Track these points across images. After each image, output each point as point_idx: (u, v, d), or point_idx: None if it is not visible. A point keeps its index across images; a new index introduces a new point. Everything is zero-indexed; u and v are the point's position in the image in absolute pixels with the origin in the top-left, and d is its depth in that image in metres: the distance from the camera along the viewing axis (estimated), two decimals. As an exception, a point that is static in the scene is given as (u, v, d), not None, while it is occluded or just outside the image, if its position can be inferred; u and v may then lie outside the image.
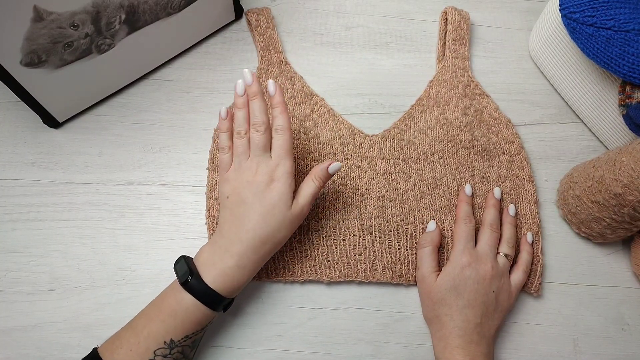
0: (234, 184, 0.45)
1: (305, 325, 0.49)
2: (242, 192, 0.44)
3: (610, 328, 0.51)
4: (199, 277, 0.42)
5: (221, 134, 0.48)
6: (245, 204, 0.44)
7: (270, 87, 0.47)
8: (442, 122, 0.57)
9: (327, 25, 0.65)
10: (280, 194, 0.44)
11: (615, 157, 0.46)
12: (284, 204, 0.44)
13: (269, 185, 0.44)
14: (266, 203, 0.43)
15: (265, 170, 0.44)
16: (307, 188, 0.46)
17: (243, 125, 0.47)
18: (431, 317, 0.48)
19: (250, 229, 0.43)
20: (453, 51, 0.61)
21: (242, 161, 0.46)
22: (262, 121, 0.45)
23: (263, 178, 0.44)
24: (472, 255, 0.48)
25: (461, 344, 0.44)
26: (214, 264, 0.43)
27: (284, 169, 0.45)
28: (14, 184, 0.53)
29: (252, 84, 0.46)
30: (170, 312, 0.41)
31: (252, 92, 0.46)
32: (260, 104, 0.46)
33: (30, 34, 0.44)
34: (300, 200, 0.45)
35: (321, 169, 0.46)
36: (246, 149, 0.46)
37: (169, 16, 0.54)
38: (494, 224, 0.50)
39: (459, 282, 0.46)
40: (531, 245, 0.52)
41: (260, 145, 0.45)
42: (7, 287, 0.49)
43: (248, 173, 0.45)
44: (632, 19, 0.46)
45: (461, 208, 0.52)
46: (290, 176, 0.45)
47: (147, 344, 0.40)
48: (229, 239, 0.43)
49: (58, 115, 0.55)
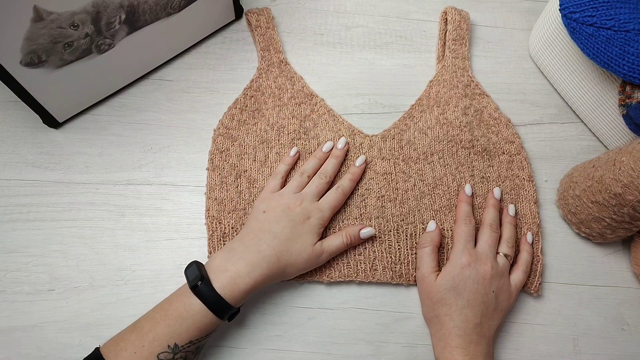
0: (275, 204, 0.49)
1: (305, 325, 0.49)
2: (278, 213, 0.47)
3: (610, 328, 0.51)
4: (209, 283, 0.42)
5: (282, 165, 0.53)
6: (278, 223, 0.47)
7: (359, 160, 0.54)
8: (442, 122, 0.57)
9: (327, 25, 0.65)
10: (309, 230, 0.48)
11: (615, 157, 0.46)
12: (310, 239, 0.47)
13: (303, 220, 0.48)
14: (295, 231, 0.47)
15: (307, 208, 0.49)
16: (335, 239, 0.49)
17: (310, 170, 0.52)
18: (431, 317, 0.48)
19: (272, 245, 0.45)
20: (453, 51, 0.61)
21: (291, 192, 0.50)
22: (330, 174, 0.52)
23: (302, 212, 0.48)
24: (472, 255, 0.48)
25: (461, 343, 0.44)
26: (225, 269, 0.43)
27: (322, 215, 0.49)
28: (14, 184, 0.53)
29: (342, 150, 0.54)
30: (177, 316, 0.41)
31: (336, 155, 0.54)
32: (337, 164, 0.53)
33: (30, 34, 0.44)
34: (324, 244, 0.48)
35: (354, 230, 0.50)
36: (300, 186, 0.51)
37: (169, 16, 0.54)
38: (493, 224, 0.50)
39: (458, 282, 0.46)
40: (531, 245, 0.52)
41: (316, 190, 0.50)
42: (7, 287, 0.49)
43: (291, 202, 0.49)
44: (632, 19, 0.46)
45: (461, 208, 0.52)
46: (323, 225, 0.49)
47: (151, 348, 0.40)
48: (247, 247, 0.45)
49: (58, 115, 0.55)
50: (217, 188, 0.53)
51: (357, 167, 0.53)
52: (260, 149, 0.55)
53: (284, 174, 0.52)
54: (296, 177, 0.51)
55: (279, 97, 0.58)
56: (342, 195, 0.51)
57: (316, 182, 0.51)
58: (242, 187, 0.53)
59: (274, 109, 0.57)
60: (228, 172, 0.54)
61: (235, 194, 0.53)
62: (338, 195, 0.51)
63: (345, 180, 0.52)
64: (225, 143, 0.55)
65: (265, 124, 0.56)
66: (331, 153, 0.54)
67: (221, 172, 0.54)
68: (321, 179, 0.51)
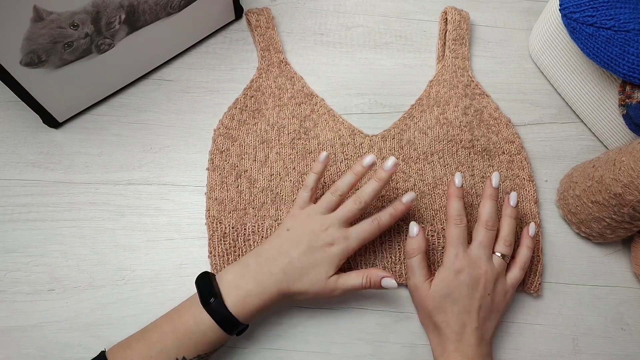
0: (301, 223, 0.46)
1: (305, 325, 0.49)
2: (302, 235, 0.45)
3: (610, 328, 0.51)
4: (221, 300, 0.41)
5: (312, 175, 0.48)
6: (297, 247, 0.44)
7: (407, 197, 0.47)
8: (442, 122, 0.57)
9: (327, 25, 0.65)
10: (328, 261, 0.44)
11: (615, 157, 0.46)
12: (325, 271, 0.44)
13: (325, 246, 0.45)
14: (313, 257, 0.44)
15: (334, 234, 0.45)
16: (353, 279, 0.45)
17: (344, 189, 0.47)
18: (428, 324, 0.47)
19: (285, 269, 0.43)
20: (453, 51, 0.61)
21: (319, 213, 0.46)
22: (366, 201, 0.46)
23: (327, 237, 0.45)
24: (466, 258, 0.46)
25: (459, 347, 0.44)
26: (238, 287, 0.42)
27: (346, 246, 0.45)
28: (14, 184, 0.53)
29: (389, 172, 0.47)
30: (186, 330, 0.41)
31: (381, 177, 0.47)
32: (377, 188, 0.47)
33: (30, 34, 0.44)
34: (339, 281, 0.45)
35: (377, 275, 0.45)
36: (332, 207, 0.47)
37: (169, 16, 0.54)
38: (489, 221, 0.48)
39: (453, 289, 0.45)
40: (532, 239, 0.50)
41: (347, 216, 0.46)
42: (7, 287, 0.49)
43: (318, 225, 0.45)
44: (632, 19, 0.46)
45: (452, 205, 0.48)
46: (345, 256, 0.45)
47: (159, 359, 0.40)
48: (261, 267, 0.44)
49: (58, 115, 0.55)
50: (218, 188, 0.53)
51: (403, 204, 0.47)
52: (261, 149, 0.55)
53: (313, 186, 0.48)
54: (328, 195, 0.47)
55: (279, 97, 0.58)
56: (377, 230, 0.46)
57: (349, 208, 0.46)
58: (243, 187, 0.53)
59: (274, 109, 0.57)
60: (228, 172, 0.54)
61: (235, 194, 0.53)
62: (372, 228, 0.46)
63: (385, 215, 0.47)
64: (225, 143, 0.55)
65: (265, 124, 0.56)
66: (376, 174, 0.47)
67: (221, 172, 0.54)
68: (355, 205, 0.46)
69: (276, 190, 0.53)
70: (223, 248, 0.50)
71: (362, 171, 0.47)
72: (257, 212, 0.52)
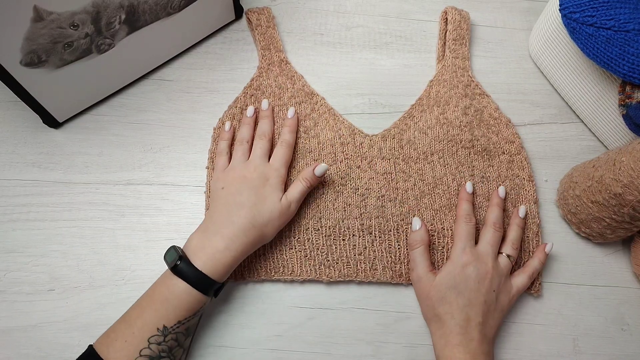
0: (230, 179, 0.49)
1: (305, 325, 0.49)
2: (238, 185, 0.48)
3: (610, 328, 0.51)
4: (188, 262, 0.43)
5: (222, 141, 0.53)
6: (240, 193, 0.47)
7: (290, 112, 0.55)
8: (442, 122, 0.57)
9: (327, 25, 0.65)
10: (272, 189, 0.48)
11: (615, 157, 0.46)
12: (275, 197, 0.48)
13: (263, 183, 0.48)
14: (259, 194, 0.48)
15: (263, 172, 0.49)
16: (296, 187, 0.50)
17: (247, 137, 0.53)
18: (431, 317, 0.47)
19: (242, 214, 0.46)
20: (453, 51, 0.61)
21: (241, 162, 0.51)
22: (268, 132, 0.53)
23: (259, 176, 0.49)
24: (473, 254, 0.48)
25: (462, 341, 0.44)
26: (203, 247, 0.44)
27: (279, 174, 0.50)
28: (14, 184, 0.53)
29: (268, 109, 0.55)
30: (162, 299, 0.42)
31: (265, 114, 0.55)
32: (270, 122, 0.54)
33: (30, 34, 0.44)
34: (289, 196, 0.49)
35: (308, 172, 0.50)
36: (246, 154, 0.51)
37: (169, 16, 0.54)
38: (496, 223, 0.50)
39: (459, 281, 0.46)
40: (546, 256, 0.51)
41: (261, 152, 0.51)
42: (7, 287, 0.49)
43: (246, 171, 0.49)
44: (632, 19, 0.46)
45: (462, 206, 0.51)
46: (283, 181, 0.50)
47: (141, 334, 0.41)
48: (220, 223, 0.45)
49: (58, 115, 0.55)
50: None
51: (290, 119, 0.55)
52: None
53: (226, 149, 0.53)
54: (238, 147, 0.52)
55: (279, 97, 0.58)
56: (289, 148, 0.52)
57: (260, 144, 0.52)
58: (242, 187, 0.53)
59: (274, 108, 0.57)
60: (228, 172, 0.54)
61: (235, 194, 0.53)
62: (284, 149, 0.52)
63: (285, 134, 0.53)
64: (225, 142, 0.55)
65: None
66: (260, 115, 0.55)
67: (221, 172, 0.54)
68: (262, 140, 0.52)
69: (276, 190, 0.53)
70: (223, 248, 0.51)
71: (251, 121, 0.54)
72: (257, 212, 0.52)
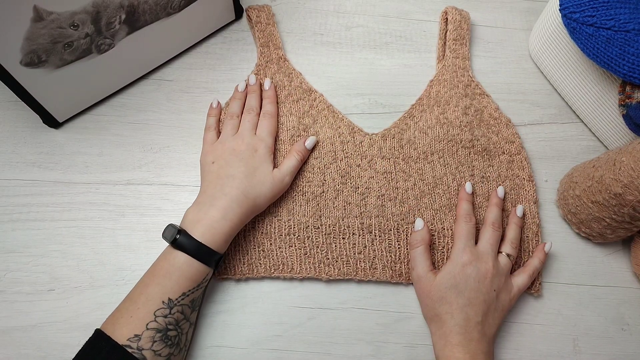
0: (220, 152, 0.51)
1: (305, 325, 0.49)
2: (227, 157, 0.50)
3: (610, 328, 0.51)
4: (187, 234, 0.43)
5: (210, 118, 0.55)
6: (230, 166, 0.49)
7: (267, 83, 0.57)
8: (443, 122, 0.57)
9: (327, 25, 0.65)
10: (262, 160, 0.50)
11: (615, 157, 0.46)
12: (266, 168, 0.50)
13: (252, 154, 0.50)
14: (250, 165, 0.49)
15: (250, 143, 0.51)
16: (289, 161, 0.52)
17: (237, 111, 0.55)
18: (431, 316, 0.47)
19: (235, 185, 0.47)
20: (453, 51, 0.61)
21: (229, 136, 0.52)
22: (255, 107, 0.55)
23: (248, 148, 0.50)
24: (473, 253, 0.48)
25: (462, 341, 0.44)
26: (199, 220, 0.45)
27: (265, 144, 0.52)
28: (14, 184, 0.53)
29: (255, 83, 0.56)
30: (164, 273, 0.42)
31: (253, 89, 0.56)
32: (256, 96, 0.56)
33: (30, 34, 0.44)
34: (282, 169, 0.51)
35: (299, 144, 0.53)
36: (235, 128, 0.53)
37: (169, 16, 0.54)
38: (496, 223, 0.50)
39: (459, 281, 0.46)
40: (545, 255, 0.51)
41: (249, 125, 0.53)
42: (7, 287, 0.49)
43: (234, 144, 0.51)
44: (632, 19, 0.46)
45: (461, 206, 0.52)
46: (271, 151, 0.52)
47: (146, 307, 0.41)
48: (213, 196, 0.47)
49: (58, 115, 0.55)
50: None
51: (268, 90, 0.56)
52: None
53: (215, 125, 0.54)
54: (227, 121, 0.54)
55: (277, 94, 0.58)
56: (272, 118, 0.54)
57: (247, 118, 0.53)
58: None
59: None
60: (228, 172, 0.54)
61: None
62: (268, 119, 0.54)
63: (267, 106, 0.55)
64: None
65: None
66: (248, 90, 0.56)
67: (221, 172, 0.54)
68: (250, 114, 0.54)
69: (276, 190, 0.53)
70: (223, 247, 0.51)
71: (242, 95, 0.56)
72: (257, 210, 0.52)
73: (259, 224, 0.51)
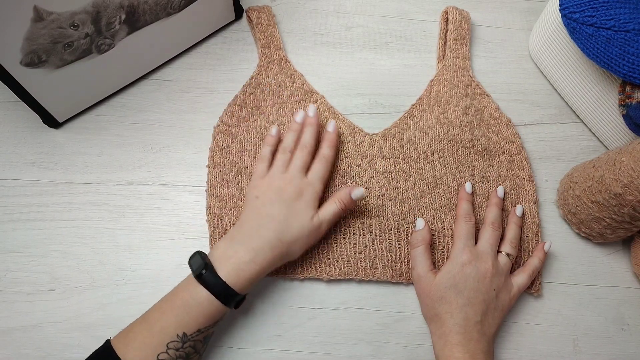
0: (265, 189, 0.48)
1: (305, 325, 0.49)
2: (271, 196, 0.47)
3: (610, 328, 0.51)
4: (213, 271, 0.42)
5: (266, 147, 0.52)
6: (272, 205, 0.46)
7: (330, 125, 0.53)
8: (443, 122, 0.57)
9: (327, 25, 0.65)
10: (305, 205, 0.47)
11: (615, 157, 0.46)
12: (307, 214, 0.47)
13: (297, 197, 0.47)
14: (291, 209, 0.46)
15: (298, 185, 0.48)
16: (330, 207, 0.49)
17: (291, 145, 0.51)
18: (431, 316, 0.48)
19: (272, 227, 0.45)
20: (454, 51, 0.61)
21: (279, 172, 0.49)
22: (310, 144, 0.51)
23: (294, 189, 0.48)
24: (473, 253, 0.48)
25: (461, 341, 0.44)
26: (229, 257, 0.43)
27: (314, 189, 0.49)
28: (14, 184, 0.53)
29: (314, 117, 0.52)
30: (184, 305, 0.42)
31: (310, 122, 0.52)
32: (313, 132, 0.52)
33: (30, 34, 0.44)
34: (321, 215, 0.48)
35: (345, 193, 0.49)
36: (286, 164, 0.50)
37: (169, 16, 0.54)
38: (495, 223, 0.50)
39: (459, 280, 0.46)
40: (545, 255, 0.51)
41: (301, 164, 0.50)
42: (7, 287, 0.49)
43: (282, 182, 0.48)
44: (632, 19, 0.46)
45: (461, 206, 0.52)
46: (318, 197, 0.49)
47: (160, 337, 0.41)
48: (248, 234, 0.45)
49: (58, 115, 0.55)
50: (218, 185, 0.53)
51: (331, 133, 0.53)
52: (261, 146, 0.55)
53: (269, 157, 0.51)
54: (279, 156, 0.51)
55: (278, 95, 0.58)
56: (327, 163, 0.51)
57: (299, 156, 0.50)
58: (243, 184, 0.53)
59: (274, 106, 0.57)
60: (229, 169, 0.54)
61: (236, 191, 0.53)
62: (323, 164, 0.51)
63: (325, 149, 0.52)
64: (225, 140, 0.55)
65: (265, 121, 0.56)
66: (305, 123, 0.52)
67: (222, 169, 0.54)
68: (303, 151, 0.50)
69: (276, 190, 0.53)
70: (223, 247, 0.51)
71: (299, 127, 0.53)
72: (257, 211, 0.52)
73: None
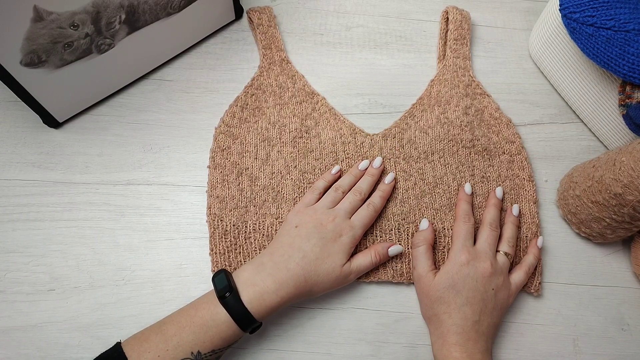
0: (308, 218, 0.48)
1: (305, 325, 0.49)
2: (310, 229, 0.47)
3: (610, 328, 0.51)
4: (237, 296, 0.42)
5: (321, 181, 0.52)
6: (308, 240, 0.46)
7: (389, 177, 0.53)
8: (443, 122, 0.57)
9: (327, 25, 0.65)
10: (340, 249, 0.47)
11: (615, 157, 0.46)
12: (339, 259, 0.47)
13: (335, 237, 0.47)
14: (325, 249, 0.46)
15: (340, 225, 0.48)
16: (364, 258, 0.49)
17: (345, 187, 0.52)
18: (430, 316, 0.48)
19: (301, 264, 0.45)
20: (454, 50, 0.61)
21: (325, 207, 0.49)
22: (365, 191, 0.51)
23: (334, 228, 0.47)
24: (471, 253, 0.48)
25: (459, 340, 0.44)
26: (254, 284, 0.43)
27: (353, 234, 0.48)
28: (14, 184, 0.53)
29: (377, 169, 0.53)
30: (203, 324, 0.41)
31: (372, 173, 0.53)
32: (371, 181, 0.52)
33: (30, 34, 0.44)
34: (352, 264, 0.48)
35: (382, 248, 0.50)
36: (335, 201, 0.50)
37: (169, 16, 0.54)
38: (493, 223, 0.50)
39: (457, 280, 0.46)
40: (539, 251, 0.52)
41: (349, 207, 0.49)
42: (7, 287, 0.49)
43: (324, 218, 0.48)
44: (632, 19, 0.46)
45: (460, 207, 0.52)
46: (354, 243, 0.48)
47: (175, 353, 0.40)
48: (276, 265, 0.44)
49: (58, 115, 0.55)
50: (219, 186, 0.53)
51: (386, 185, 0.52)
52: (262, 147, 0.55)
53: (321, 190, 0.51)
54: (331, 192, 0.51)
55: (279, 96, 0.58)
56: (374, 212, 0.50)
57: (350, 199, 0.50)
58: (244, 185, 0.53)
59: (275, 107, 0.57)
60: (229, 170, 0.54)
61: (236, 192, 0.53)
62: (369, 212, 0.50)
63: (376, 198, 0.51)
64: (226, 141, 0.55)
65: (266, 122, 0.56)
66: (367, 171, 0.53)
67: (222, 170, 0.54)
68: (355, 196, 0.50)
69: (277, 189, 0.53)
70: (224, 246, 0.50)
71: (360, 173, 0.53)
72: (258, 210, 0.52)
73: (261, 225, 0.51)
